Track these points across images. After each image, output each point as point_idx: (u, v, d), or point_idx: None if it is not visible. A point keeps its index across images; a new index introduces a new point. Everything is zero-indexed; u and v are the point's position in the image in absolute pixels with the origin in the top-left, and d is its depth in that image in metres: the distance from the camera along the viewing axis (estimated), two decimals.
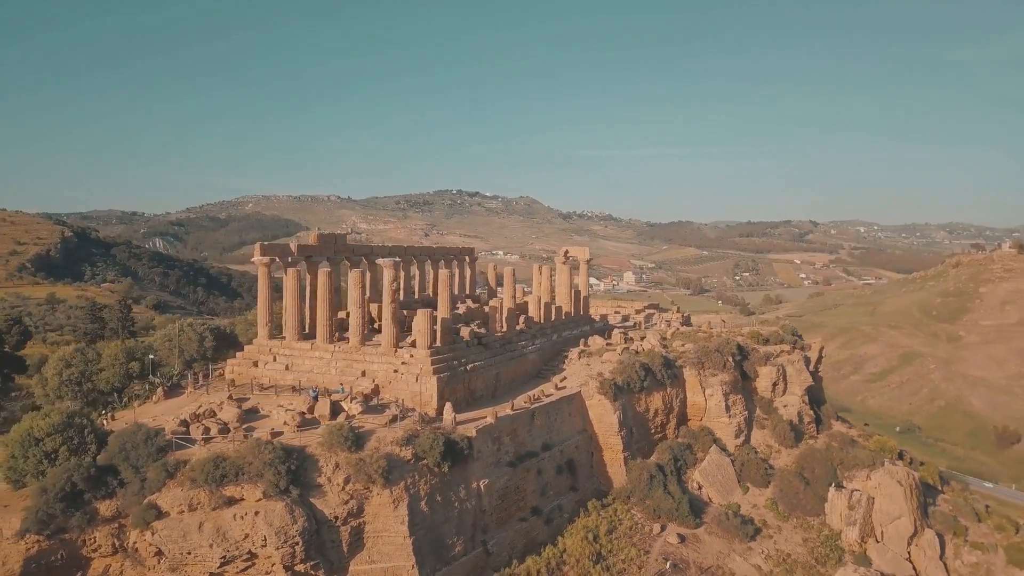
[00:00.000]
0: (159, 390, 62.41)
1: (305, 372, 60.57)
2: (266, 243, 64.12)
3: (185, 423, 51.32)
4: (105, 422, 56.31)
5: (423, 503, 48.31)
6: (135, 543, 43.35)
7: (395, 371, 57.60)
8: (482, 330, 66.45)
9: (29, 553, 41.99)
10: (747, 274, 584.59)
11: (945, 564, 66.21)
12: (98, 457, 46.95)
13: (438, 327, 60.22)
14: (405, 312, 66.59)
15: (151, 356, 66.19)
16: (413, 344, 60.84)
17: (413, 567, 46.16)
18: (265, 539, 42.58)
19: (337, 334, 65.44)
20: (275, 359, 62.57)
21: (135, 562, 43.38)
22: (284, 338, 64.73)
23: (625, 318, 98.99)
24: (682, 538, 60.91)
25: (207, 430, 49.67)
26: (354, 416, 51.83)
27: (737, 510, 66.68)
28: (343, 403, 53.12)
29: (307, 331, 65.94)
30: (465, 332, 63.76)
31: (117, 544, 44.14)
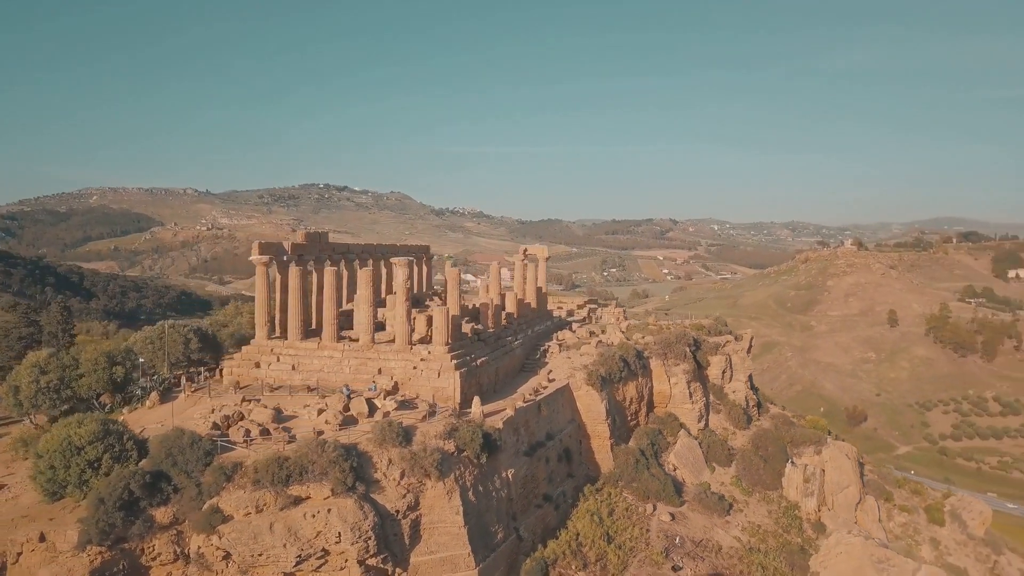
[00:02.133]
0: (153, 395, 60.25)
1: (314, 372, 60.41)
2: (263, 242, 63.19)
3: (217, 426, 50.46)
4: None
5: (470, 493, 50.23)
6: (200, 548, 42.69)
7: (414, 368, 58.76)
8: (480, 327, 68.52)
9: (93, 565, 40.61)
10: (614, 270, 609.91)
11: (882, 526, 75.08)
12: (141, 464, 45.63)
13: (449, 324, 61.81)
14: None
15: (140, 360, 63.41)
16: (421, 341, 62.21)
17: (469, 555, 48.00)
18: (339, 535, 43.13)
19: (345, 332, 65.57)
20: (279, 359, 61.87)
21: (202, 567, 42.73)
22: (280, 338, 64.04)
23: (570, 313, 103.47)
24: (672, 516, 65.84)
25: (248, 432, 49.20)
26: (389, 413, 52.79)
27: (708, 488, 72.54)
28: (376, 401, 53.88)
29: (278, 332, 65.49)
30: (467, 329, 65.65)
31: (178, 551, 43.38)
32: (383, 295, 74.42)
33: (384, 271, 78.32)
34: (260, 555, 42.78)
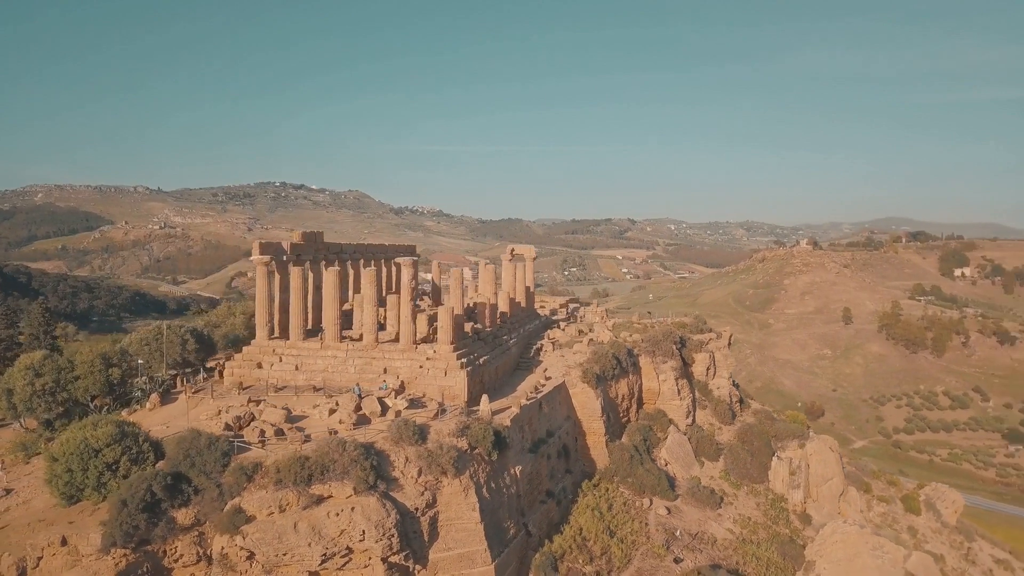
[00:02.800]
0: (153, 396, 59.64)
1: (318, 372, 60.43)
2: (264, 242, 62.92)
3: (229, 427, 50.29)
4: None
5: (484, 490, 50.95)
6: (224, 549, 42.64)
7: (420, 367, 59.20)
8: (479, 326, 69.17)
9: (119, 568, 40.37)
10: (575, 269, 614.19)
11: (864, 516, 77.83)
12: (158, 465, 45.33)
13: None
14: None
15: (140, 361, 62.59)
16: (423, 340, 62.68)
17: (486, 550, 48.72)
18: (363, 533, 43.47)
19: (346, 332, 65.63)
20: (281, 359, 61.67)
21: (226, 568, 42.64)
22: (280, 338, 63.83)
23: (553, 312, 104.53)
24: (668, 510, 67.43)
25: (263, 433, 49.14)
26: (400, 412, 53.20)
27: (699, 483, 74.34)
28: (386, 400, 54.21)
29: (277, 332, 65.23)
30: (468, 328, 66.25)
31: (200, 552, 43.25)
32: (384, 294, 74.50)
33: (376, 271, 78.26)
34: (285, 554, 42.89)
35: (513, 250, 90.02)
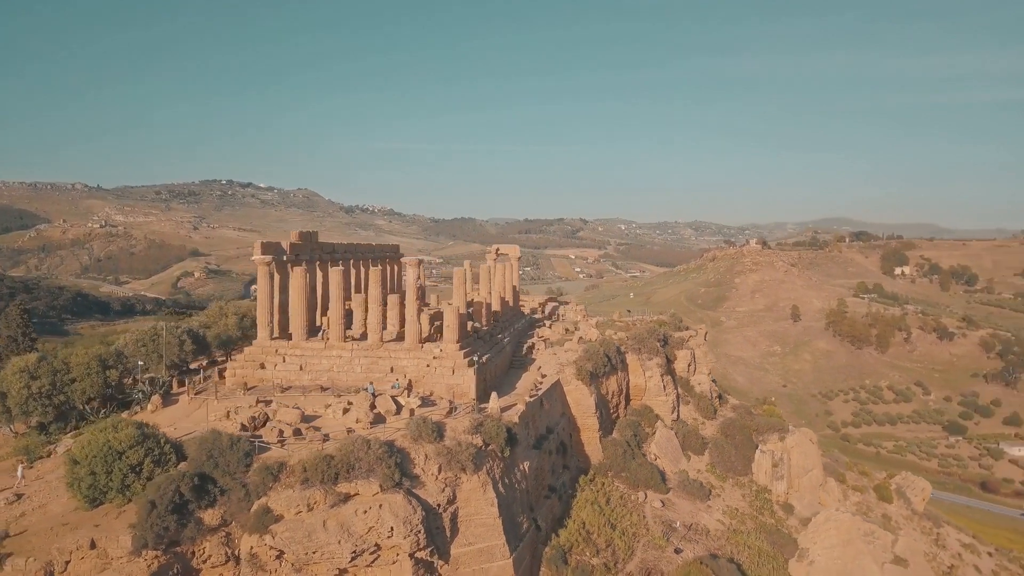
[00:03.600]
0: (155, 398, 58.94)
1: (323, 371, 60.51)
2: (265, 242, 62.67)
3: (244, 427, 50.26)
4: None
5: (499, 486, 51.89)
6: (253, 549, 42.70)
7: (427, 365, 59.77)
8: (477, 325, 69.97)
9: (151, 569, 40.13)
10: (528, 268, 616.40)
11: (841, 504, 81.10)
12: (180, 466, 45.09)
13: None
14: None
15: (140, 363, 61.66)
16: (429, 339, 63.27)
17: (504, 545, 49.66)
18: (392, 530, 44.00)
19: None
20: (284, 360, 61.52)
21: (255, 567, 42.67)
22: (280, 338, 63.66)
23: (533, 310, 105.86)
24: (662, 503, 69.33)
25: (281, 433, 49.28)
26: (414, 410, 53.79)
27: (687, 476, 76.50)
28: (399, 398, 54.72)
29: (277, 333, 65.08)
30: (468, 327, 67.00)
31: (229, 552, 43.20)
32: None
33: (382, 270, 78.45)
34: (315, 552, 43.13)
35: (498, 250, 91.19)
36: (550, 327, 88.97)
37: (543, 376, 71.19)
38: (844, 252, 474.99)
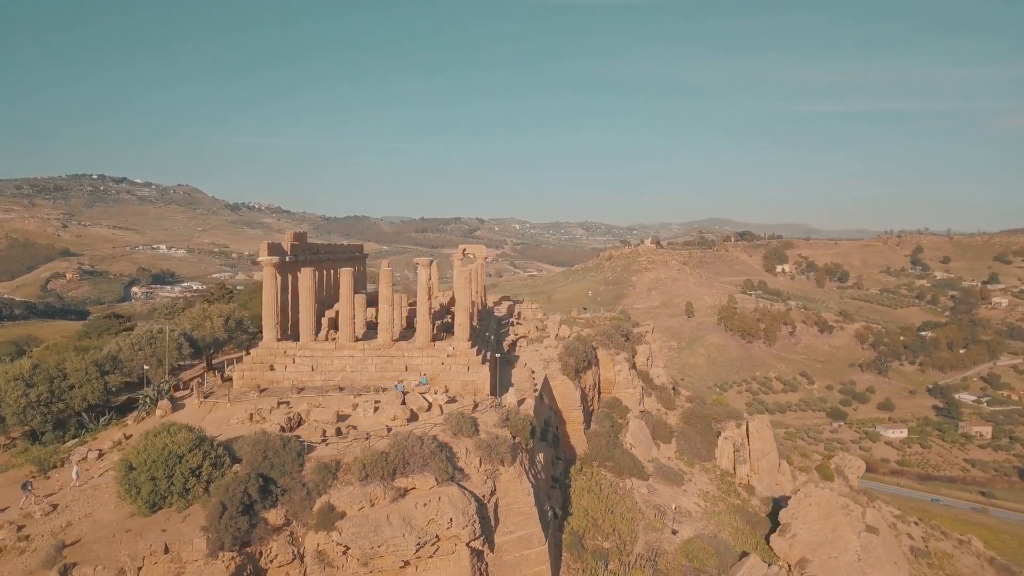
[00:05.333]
0: (163, 403, 57.65)
1: (336, 372, 60.89)
2: (271, 243, 62.34)
3: (283, 428, 50.43)
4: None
5: (530, 476, 54.35)
6: (320, 546, 43.39)
7: (442, 363, 61.29)
8: (474, 323, 71.76)
9: (229, 570, 40.18)
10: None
11: (793, 484, 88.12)
12: (235, 468, 44.99)
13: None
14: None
15: (146, 367, 59.83)
16: (435, 338, 64.74)
17: (540, 532, 52.23)
18: (451, 521, 45.69)
19: (332, 333, 66.19)
20: (294, 361, 61.43)
21: (323, 564, 43.33)
22: (286, 339, 63.48)
23: (489, 309, 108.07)
24: (648, 489, 73.60)
25: (324, 432, 49.89)
26: (442, 406, 55.40)
27: (660, 463, 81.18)
28: (427, 396, 56.13)
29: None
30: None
31: (295, 551, 43.57)
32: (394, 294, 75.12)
33: (390, 271, 78.93)
34: (380, 546, 44.22)
35: (464, 250, 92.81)
36: (522, 325, 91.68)
37: (532, 372, 73.88)
38: (730, 251, 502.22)
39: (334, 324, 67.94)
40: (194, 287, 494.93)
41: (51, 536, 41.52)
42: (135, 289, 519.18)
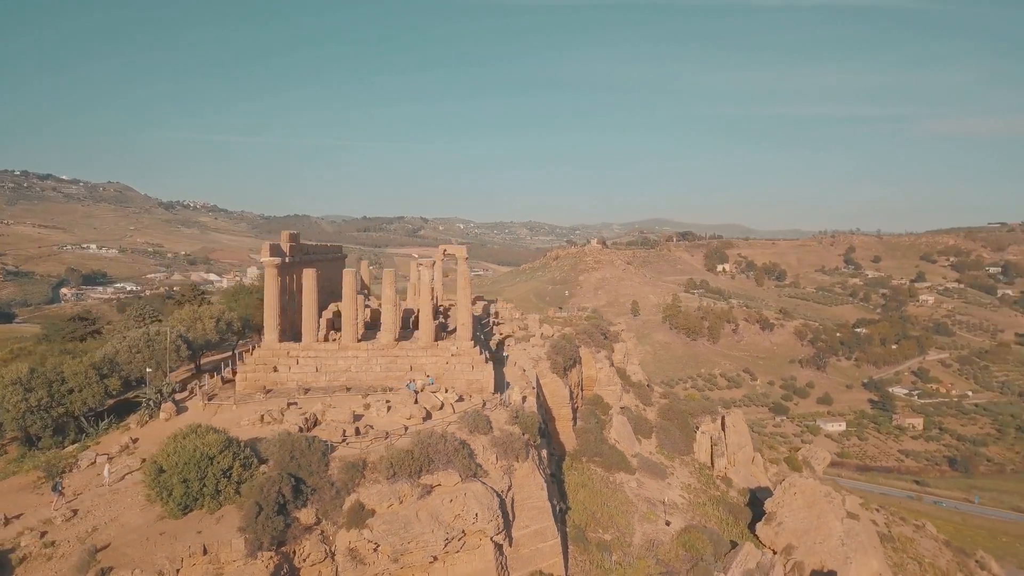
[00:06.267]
0: (167, 405, 57.07)
1: (340, 372, 61.15)
2: (272, 244, 62.20)
3: (301, 428, 50.67)
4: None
5: (541, 471, 55.76)
6: (351, 544, 43.93)
7: (446, 363, 62.16)
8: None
9: (269, 570, 40.41)
10: (372, 268, 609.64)
11: (766, 475, 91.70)
12: (262, 468, 45.14)
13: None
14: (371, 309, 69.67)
15: (148, 370, 58.90)
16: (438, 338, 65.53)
17: (554, 526, 53.78)
18: (476, 516, 46.78)
19: (332, 333, 66.41)
20: (297, 362, 61.43)
21: (356, 561, 43.89)
22: (287, 340, 63.40)
23: None
24: (637, 482, 75.83)
25: (344, 432, 50.33)
26: (452, 405, 56.37)
27: (643, 458, 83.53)
28: (438, 395, 56.98)
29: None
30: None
31: (327, 550, 43.96)
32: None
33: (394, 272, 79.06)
34: (411, 542, 45.01)
35: (445, 250, 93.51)
36: (506, 325, 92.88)
37: (524, 370, 75.26)
38: (673, 251, 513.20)
39: (330, 325, 68.06)
40: (128, 288, 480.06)
41: (77, 541, 41.10)
42: (64, 290, 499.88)
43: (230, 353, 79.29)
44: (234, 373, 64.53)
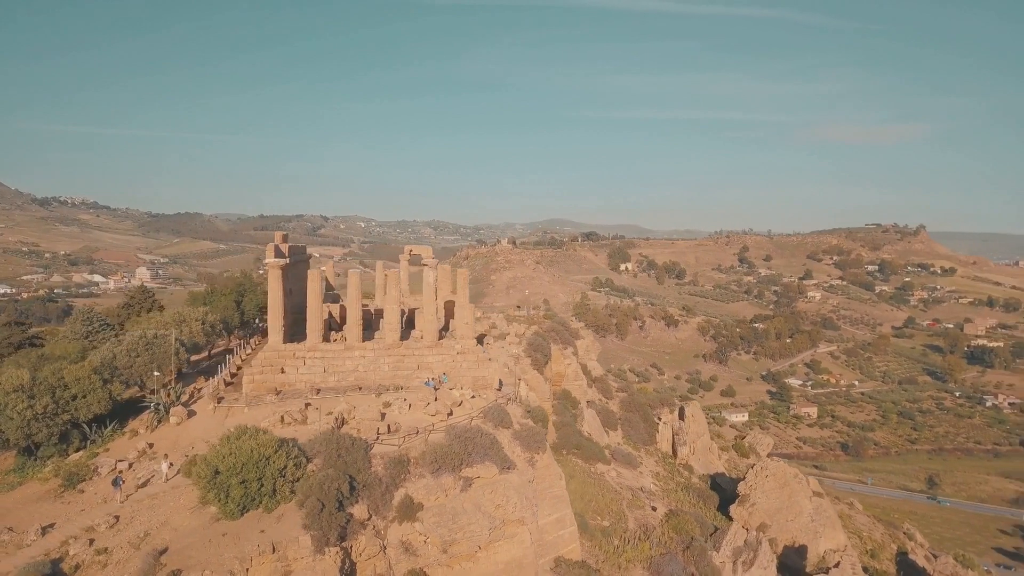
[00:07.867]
0: (178, 409, 56.21)
1: (348, 372, 61.65)
2: (276, 245, 62.03)
3: (334, 428, 51.31)
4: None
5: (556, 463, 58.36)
6: (404, 536, 45.25)
7: (452, 361, 63.68)
8: None
9: (337, 565, 41.19)
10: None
11: (720, 461, 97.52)
12: (309, 467, 45.69)
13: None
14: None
15: (156, 374, 57.42)
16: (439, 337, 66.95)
17: (571, 514, 56.55)
18: (515, 506, 49.01)
19: (334, 335, 66.83)
20: (305, 363, 61.49)
21: (409, 553, 45.19)
22: (291, 341, 63.35)
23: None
24: (616, 472, 79.51)
25: (378, 430, 51.36)
26: (469, 402, 58.14)
27: (616, 448, 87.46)
28: (455, 392, 58.58)
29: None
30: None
31: (380, 544, 44.99)
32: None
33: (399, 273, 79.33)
34: (458, 533, 46.73)
35: (411, 251, 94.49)
36: (479, 323, 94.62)
37: (508, 367, 77.51)
38: (578, 251, 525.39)
39: (328, 326, 68.25)
40: (2, 291, 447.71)
41: (130, 547, 40.71)
42: None
43: (206, 354, 77.94)
44: (231, 375, 63.99)
